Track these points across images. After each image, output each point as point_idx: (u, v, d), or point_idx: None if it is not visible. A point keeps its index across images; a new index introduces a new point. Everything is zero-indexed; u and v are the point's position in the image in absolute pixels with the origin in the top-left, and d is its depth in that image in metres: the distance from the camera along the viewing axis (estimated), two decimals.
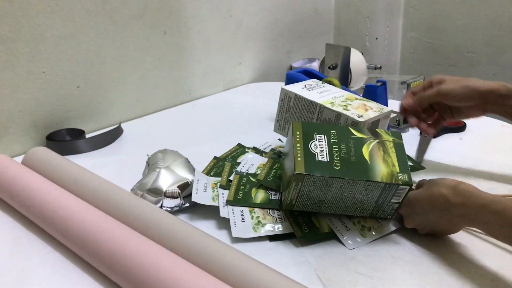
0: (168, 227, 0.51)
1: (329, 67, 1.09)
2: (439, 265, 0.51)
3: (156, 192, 0.61)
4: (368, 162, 0.55)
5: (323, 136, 0.57)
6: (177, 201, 0.62)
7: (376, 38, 1.55)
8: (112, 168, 0.77)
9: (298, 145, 0.56)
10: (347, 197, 0.55)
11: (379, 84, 0.82)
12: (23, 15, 0.79)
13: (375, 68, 1.21)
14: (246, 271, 0.45)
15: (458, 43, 1.45)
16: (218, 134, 0.92)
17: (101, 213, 0.54)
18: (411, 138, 0.87)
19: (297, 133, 0.57)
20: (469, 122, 0.91)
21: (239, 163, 0.69)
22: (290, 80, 0.98)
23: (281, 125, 0.73)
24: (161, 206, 0.61)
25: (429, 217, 0.53)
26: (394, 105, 0.99)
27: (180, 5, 1.05)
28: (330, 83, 0.95)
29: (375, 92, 0.82)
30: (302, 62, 1.45)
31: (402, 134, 0.89)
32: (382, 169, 0.54)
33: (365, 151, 0.56)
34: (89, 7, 0.88)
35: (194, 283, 0.42)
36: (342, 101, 0.68)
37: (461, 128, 0.90)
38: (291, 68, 1.44)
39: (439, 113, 0.70)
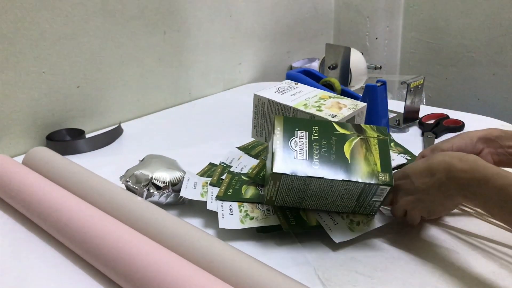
0: (171, 227, 0.51)
1: (329, 67, 1.09)
2: (439, 265, 0.51)
3: (142, 178, 0.62)
4: (349, 160, 0.54)
5: (304, 132, 0.56)
6: (165, 189, 0.62)
7: (376, 38, 1.55)
8: (112, 168, 0.76)
9: (278, 142, 0.55)
10: (327, 195, 0.55)
11: (379, 84, 0.82)
12: (23, 15, 0.79)
13: (375, 68, 1.21)
14: (246, 270, 0.45)
15: (458, 43, 1.45)
16: (218, 134, 0.92)
17: (101, 212, 0.54)
18: (411, 138, 0.87)
19: (278, 129, 0.56)
20: (469, 122, 0.91)
21: (231, 166, 0.70)
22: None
23: (258, 131, 0.72)
24: (148, 190, 0.61)
25: (424, 190, 0.51)
26: (394, 105, 0.99)
27: (180, 5, 1.05)
28: (330, 83, 0.95)
29: (375, 92, 0.82)
30: (302, 62, 1.45)
31: (403, 134, 0.90)
32: (362, 168, 0.53)
33: (347, 148, 0.55)
34: (89, 7, 0.88)
35: (197, 283, 0.42)
36: (316, 102, 0.67)
37: (460, 127, 0.90)
38: (291, 68, 1.44)
39: None
